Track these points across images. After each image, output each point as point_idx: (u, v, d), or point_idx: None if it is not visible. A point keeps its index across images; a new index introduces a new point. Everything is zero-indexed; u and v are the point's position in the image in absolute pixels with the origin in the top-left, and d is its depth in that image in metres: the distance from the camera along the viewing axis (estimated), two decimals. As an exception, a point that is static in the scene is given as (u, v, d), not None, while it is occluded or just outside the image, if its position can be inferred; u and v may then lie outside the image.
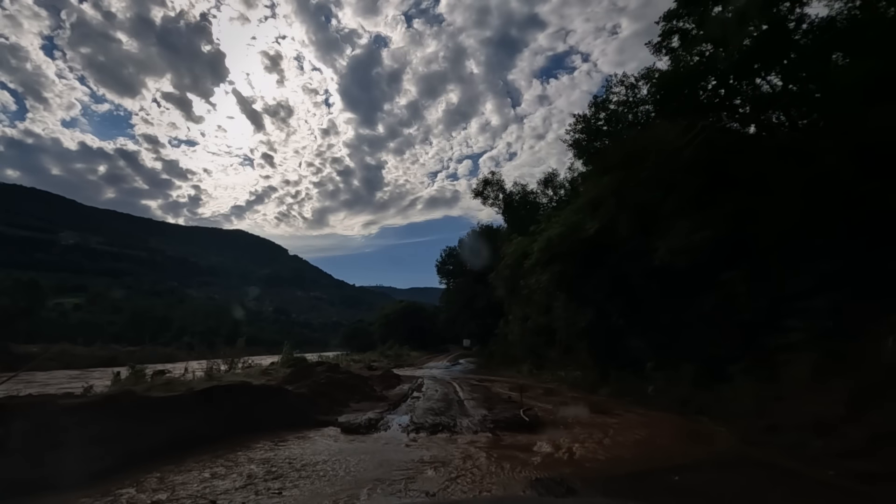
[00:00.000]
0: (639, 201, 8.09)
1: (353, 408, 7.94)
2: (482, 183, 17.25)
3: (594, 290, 10.92)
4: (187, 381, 7.65)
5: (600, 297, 10.76)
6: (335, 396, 8.17)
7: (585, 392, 12.81)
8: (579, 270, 10.80)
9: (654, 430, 6.76)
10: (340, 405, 7.80)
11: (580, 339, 15.43)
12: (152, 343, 49.84)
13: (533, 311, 16.14)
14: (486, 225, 39.57)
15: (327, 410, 7.22)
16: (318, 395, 7.74)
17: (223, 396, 5.50)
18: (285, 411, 6.45)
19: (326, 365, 10.70)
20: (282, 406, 6.51)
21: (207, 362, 16.99)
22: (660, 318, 9.64)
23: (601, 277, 10.50)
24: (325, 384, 8.78)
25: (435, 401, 9.71)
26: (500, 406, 8.74)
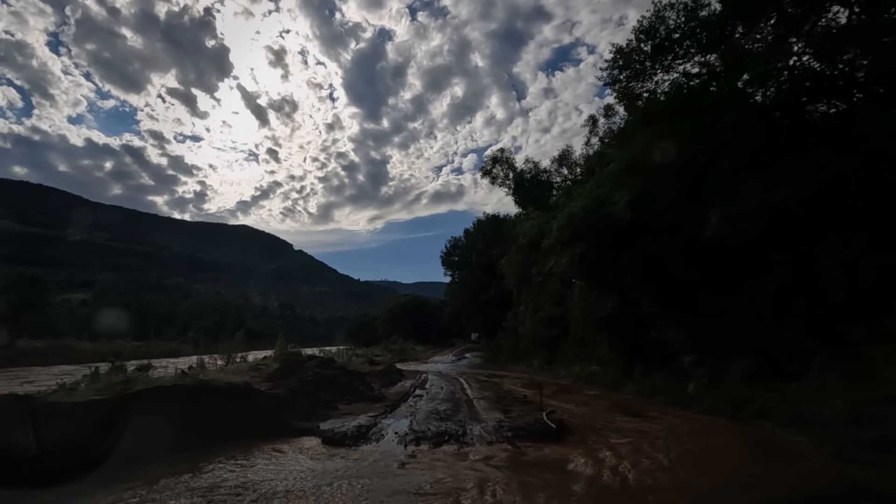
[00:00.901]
0: (690, 159, 6.64)
1: (343, 410, 6.69)
2: (490, 161, 15.85)
3: (621, 273, 9.53)
4: (155, 379, 6.46)
5: (629, 281, 9.38)
6: (322, 397, 6.93)
7: (606, 389, 11.48)
8: (604, 251, 9.41)
9: (714, 441, 5.41)
10: (327, 407, 6.56)
11: (599, 331, 14.06)
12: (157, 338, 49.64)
13: (546, 301, 14.79)
14: (492, 214, 38.27)
15: (310, 414, 5.98)
16: (300, 395, 6.50)
17: (166, 400, 4.28)
18: (255, 417, 5.22)
19: (318, 360, 9.48)
20: (251, 411, 5.27)
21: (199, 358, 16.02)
22: (702, 306, 8.24)
23: (630, 259, 9.10)
24: (313, 382, 7.54)
25: (440, 401, 8.44)
26: (517, 407, 7.43)
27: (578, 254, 9.65)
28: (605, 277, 10.93)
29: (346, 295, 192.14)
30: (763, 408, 6.47)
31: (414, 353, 36.33)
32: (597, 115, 16.56)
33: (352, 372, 9.78)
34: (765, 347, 7.21)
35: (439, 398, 8.86)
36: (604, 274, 10.63)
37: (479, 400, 8.68)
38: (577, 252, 9.68)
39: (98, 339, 45.02)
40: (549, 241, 10.33)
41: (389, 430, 5.60)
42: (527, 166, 15.49)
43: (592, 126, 16.37)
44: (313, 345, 41.48)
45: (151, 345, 44.41)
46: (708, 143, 6.54)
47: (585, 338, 15.93)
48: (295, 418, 5.64)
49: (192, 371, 10.54)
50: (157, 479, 3.55)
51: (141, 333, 54.74)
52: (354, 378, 9.25)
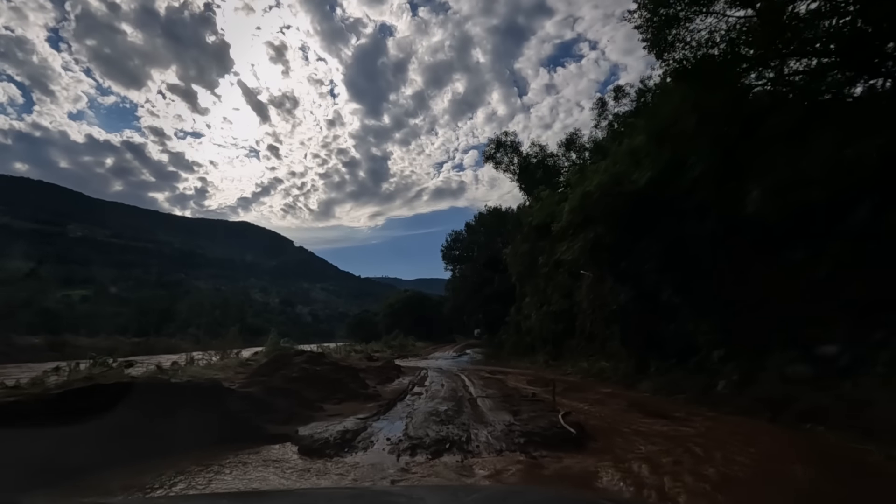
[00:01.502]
0: (728, 124, 5.74)
1: (329, 411, 5.87)
2: (494, 145, 14.89)
3: (640, 260, 8.66)
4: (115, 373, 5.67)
5: (648, 269, 8.50)
6: (306, 396, 6.10)
7: (619, 386, 10.66)
8: (621, 236, 8.54)
9: (764, 450, 4.56)
10: (311, 408, 5.73)
11: (610, 325, 13.20)
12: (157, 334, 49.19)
13: (554, 293, 13.92)
14: (494, 207, 37.34)
15: (290, 417, 5.16)
16: (280, 394, 5.67)
17: (98, 401, 3.44)
18: (222, 421, 4.39)
19: (307, 355, 8.66)
20: (216, 413, 4.44)
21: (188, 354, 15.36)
22: (734, 295, 7.37)
23: (651, 244, 8.22)
24: (298, 379, 6.71)
25: (440, 399, 7.62)
26: (527, 408, 6.60)
27: (591, 239, 8.76)
28: (620, 266, 10.06)
29: (346, 291, 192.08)
30: (811, 409, 5.62)
31: (414, 349, 35.67)
32: (606, 98, 15.61)
33: (344, 368, 8.96)
34: (809, 340, 6.35)
35: (440, 397, 8.04)
36: (618, 262, 9.76)
37: (484, 399, 7.85)
38: (589, 237, 8.79)
39: (97, 335, 44.59)
40: (559, 225, 9.45)
41: (381, 435, 4.76)
42: (532, 150, 14.59)
43: (601, 109, 15.44)
44: (314, 341, 40.96)
45: (151, 340, 43.98)
46: (751, 106, 5.65)
47: (594, 332, 15.08)
48: (271, 421, 4.81)
49: (174, 367, 9.75)
50: None
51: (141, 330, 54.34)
52: (347, 374, 8.42)
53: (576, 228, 9.11)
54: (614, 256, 9.30)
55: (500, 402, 7.39)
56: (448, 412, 6.08)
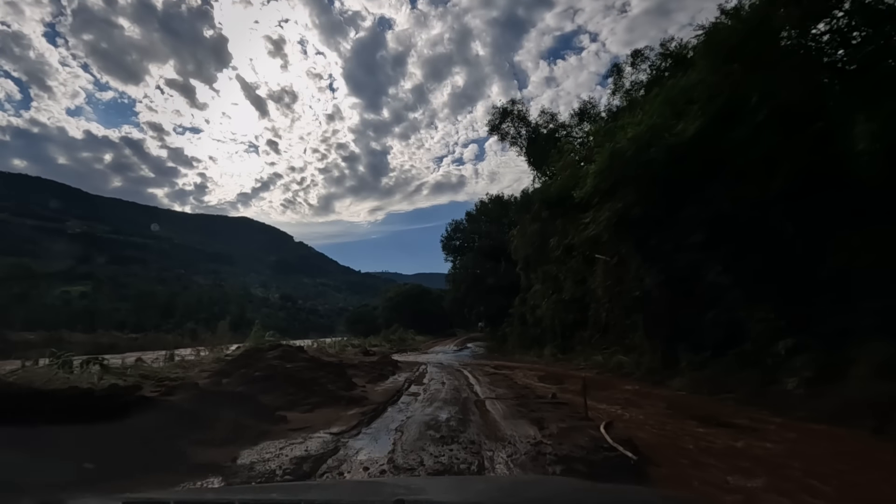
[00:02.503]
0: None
1: (293, 423, 4.45)
2: (499, 114, 13.19)
3: (679, 233, 7.19)
4: None
5: (692, 243, 7.02)
6: (266, 401, 4.70)
7: (645, 384, 9.26)
8: (657, 204, 7.05)
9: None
10: (268, 419, 4.31)
11: (630, 314, 11.74)
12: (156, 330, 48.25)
13: (567, 279, 12.47)
14: (496, 195, 35.77)
15: (232, 433, 3.74)
16: (226, 401, 4.26)
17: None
18: (125, 444, 2.99)
19: (281, 349, 7.25)
20: (118, 434, 3.04)
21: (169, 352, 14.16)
22: (808, 273, 5.89)
23: (696, 212, 6.73)
24: (261, 379, 5.31)
25: (441, 403, 6.21)
26: (551, 414, 5.18)
27: (619, 210, 7.25)
28: (649, 243, 8.59)
29: (347, 286, 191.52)
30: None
31: (414, 343, 34.47)
32: (622, 65, 13.97)
33: (326, 364, 7.54)
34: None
35: (440, 399, 6.63)
36: (648, 238, 8.28)
37: (494, 402, 6.42)
38: (617, 207, 7.29)
39: (94, 331, 43.58)
40: (582, 192, 7.93)
41: (354, 462, 3.33)
42: (542, 119, 12.99)
43: (617, 77, 13.82)
44: (314, 336, 39.86)
45: (149, 336, 43.06)
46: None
47: (610, 322, 13.64)
48: (203, 442, 3.41)
49: (126, 365, 8.40)
50: None
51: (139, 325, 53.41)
52: (329, 372, 7.01)
53: (602, 196, 7.59)
54: (644, 231, 7.83)
55: (515, 406, 5.97)
56: (451, 422, 4.66)
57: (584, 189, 7.83)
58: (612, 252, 8.98)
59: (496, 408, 5.89)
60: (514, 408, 5.85)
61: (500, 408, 5.88)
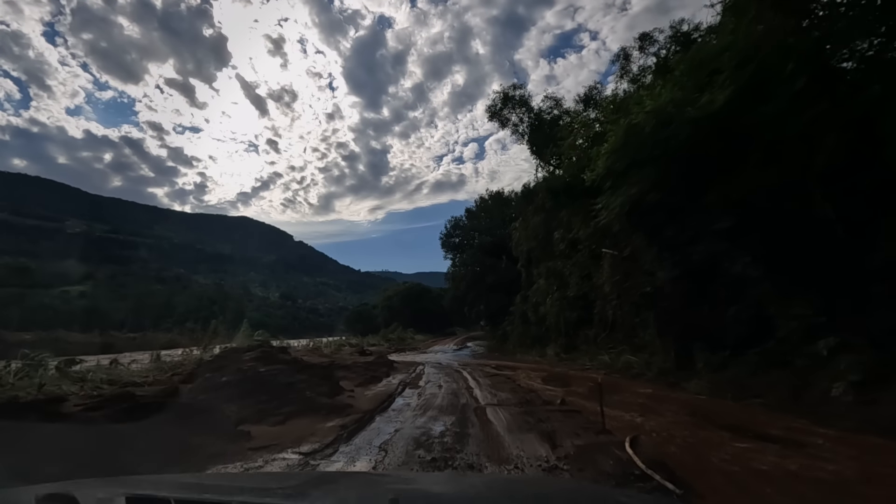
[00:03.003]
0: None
1: (258, 439, 3.72)
2: (500, 99, 12.37)
3: (702, 221, 6.44)
4: None
5: (718, 230, 6.28)
6: (230, 412, 3.97)
7: (659, 386, 8.54)
8: (674, 188, 6.31)
9: None
10: (224, 435, 3.58)
11: (640, 311, 11.02)
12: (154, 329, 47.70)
13: (573, 274, 11.73)
14: (496, 191, 35.00)
15: (181, 455, 3.02)
16: (174, 415, 3.52)
17: None
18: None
19: (260, 350, 6.52)
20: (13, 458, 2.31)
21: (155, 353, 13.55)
22: (857, 262, 5.15)
23: (723, 195, 5.98)
24: (229, 385, 4.58)
25: (436, 411, 5.49)
26: (563, 426, 4.45)
27: (634, 195, 6.48)
28: (665, 234, 7.84)
29: (347, 285, 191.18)
30: None
31: (413, 342, 33.83)
32: (629, 50, 13.20)
33: (311, 366, 6.81)
34: None
35: (435, 406, 5.90)
36: (664, 227, 7.54)
37: (496, 409, 5.69)
38: (632, 193, 6.52)
39: (91, 330, 43.01)
40: (593, 174, 7.14)
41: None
42: (546, 104, 12.20)
43: (624, 62, 13.05)
44: (313, 335, 39.29)
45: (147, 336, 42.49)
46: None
47: (618, 320, 12.93)
48: (122, 472, 2.68)
49: (99, 368, 7.67)
50: None
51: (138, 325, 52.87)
52: (313, 375, 6.28)
53: (615, 179, 6.80)
54: (660, 220, 7.08)
55: (521, 414, 5.24)
56: (446, 438, 3.94)
57: (596, 171, 7.04)
58: (623, 244, 8.23)
59: (499, 417, 5.17)
60: (519, 417, 5.12)
61: (503, 417, 5.15)
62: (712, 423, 5.23)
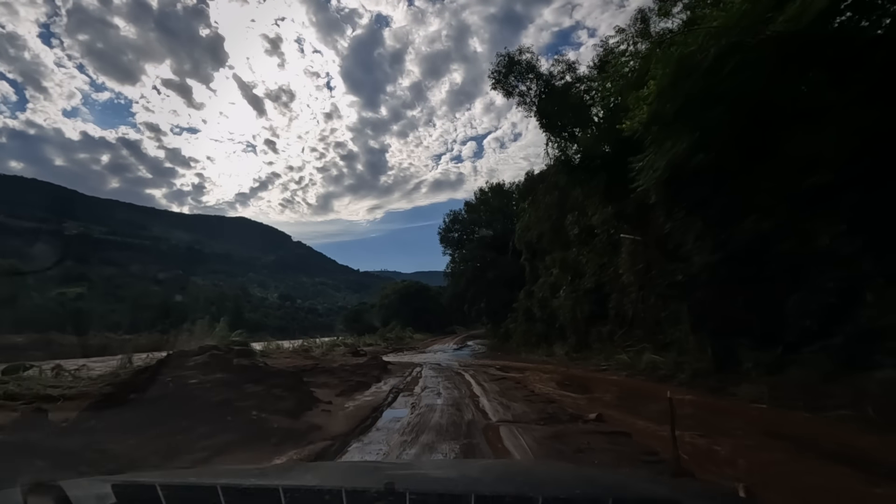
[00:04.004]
0: None
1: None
2: (504, 64, 10.68)
3: (778, 182, 5.01)
4: None
5: (807, 191, 4.84)
6: (120, 450, 2.56)
7: (698, 391, 7.15)
8: (741, 142, 4.88)
9: None
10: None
11: (669, 302, 9.60)
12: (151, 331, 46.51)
13: (591, 261, 10.30)
14: (496, 183, 33.60)
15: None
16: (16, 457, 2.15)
17: None
18: None
19: (209, 354, 5.10)
20: None
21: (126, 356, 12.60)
22: None
23: (806, 147, 4.55)
24: (140, 407, 3.15)
25: (432, 434, 4.08)
26: (610, 458, 3.03)
27: (684, 152, 4.98)
28: (710, 206, 6.44)
29: (346, 285, 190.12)
30: None
31: (412, 341, 32.53)
32: (647, 12, 11.71)
33: (277, 373, 5.39)
34: None
35: (432, 425, 4.48)
36: (714, 196, 6.13)
37: (512, 428, 4.26)
38: (680, 149, 5.02)
39: (86, 332, 41.75)
40: (634, 122, 5.62)
41: None
42: (556, 69, 10.61)
43: (642, 26, 11.57)
44: (312, 335, 38.06)
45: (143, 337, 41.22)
46: None
47: (638, 314, 11.54)
48: None
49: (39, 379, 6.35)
50: None
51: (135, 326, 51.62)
52: (273, 386, 4.86)
53: (661, 131, 5.27)
54: (706, 189, 5.64)
55: (548, 439, 3.81)
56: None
57: (637, 118, 5.53)
58: (647, 227, 6.78)
59: (519, 443, 3.75)
60: (546, 443, 3.70)
61: (524, 443, 3.73)
62: (813, 451, 3.83)
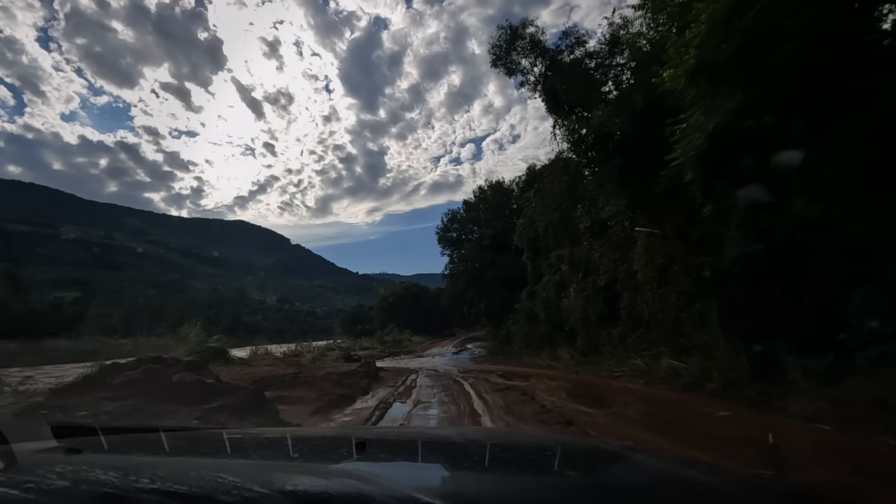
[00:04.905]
0: None
1: None
2: (506, 38, 9.65)
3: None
4: None
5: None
6: None
7: (734, 403, 6.12)
8: (813, 96, 3.86)
9: None
10: None
11: (694, 301, 8.59)
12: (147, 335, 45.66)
13: (606, 256, 9.29)
14: (496, 181, 32.65)
15: None
16: None
17: None
18: None
19: (144, 367, 4.09)
20: None
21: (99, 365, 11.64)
22: None
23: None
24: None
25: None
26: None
27: (735, 109, 3.90)
28: (763, 179, 5.46)
29: (344, 288, 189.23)
30: None
31: (410, 344, 31.49)
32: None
33: (228, 391, 4.38)
34: None
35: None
36: (763, 169, 5.12)
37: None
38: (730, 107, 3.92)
39: (80, 337, 40.84)
40: (681, 69, 4.38)
41: None
42: (564, 43, 9.57)
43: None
44: (312, 338, 37.22)
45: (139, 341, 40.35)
46: None
47: (654, 315, 10.52)
48: None
49: None
50: None
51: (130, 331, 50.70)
52: (217, 411, 3.84)
53: (711, 81, 4.17)
54: (763, 156, 4.61)
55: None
56: None
57: (684, 65, 4.35)
58: (700, 196, 5.74)
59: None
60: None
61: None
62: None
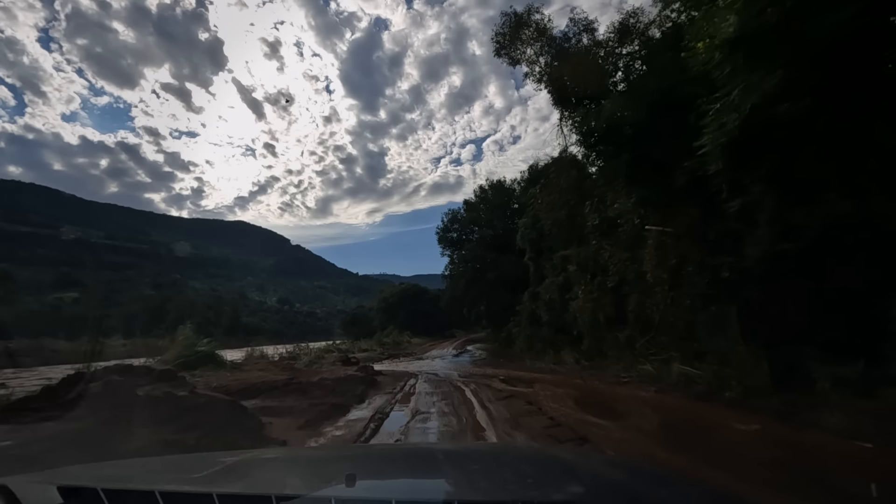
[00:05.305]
0: None
1: None
2: (510, 25, 9.17)
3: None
4: None
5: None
6: None
7: (758, 416, 5.65)
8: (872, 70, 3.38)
9: None
10: None
11: (709, 304, 8.10)
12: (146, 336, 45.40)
13: (615, 255, 8.83)
14: (497, 180, 32.22)
15: None
16: None
17: None
18: None
19: (105, 381, 3.64)
20: None
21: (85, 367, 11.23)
22: None
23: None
24: None
25: None
26: None
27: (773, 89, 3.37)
28: (790, 175, 5.00)
29: (345, 288, 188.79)
30: None
31: (409, 346, 31.03)
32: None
33: (204, 406, 3.93)
34: None
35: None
36: (791, 165, 4.66)
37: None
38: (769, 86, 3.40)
39: (79, 338, 40.48)
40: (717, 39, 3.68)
41: None
42: (572, 30, 9.09)
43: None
44: (312, 339, 36.80)
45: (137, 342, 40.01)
46: None
47: (665, 318, 10.05)
48: None
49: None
50: None
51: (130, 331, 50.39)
52: (188, 428, 3.40)
53: (751, 53, 3.65)
54: (793, 149, 4.16)
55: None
56: None
57: (721, 35, 3.76)
58: (727, 189, 5.24)
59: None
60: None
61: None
62: None
